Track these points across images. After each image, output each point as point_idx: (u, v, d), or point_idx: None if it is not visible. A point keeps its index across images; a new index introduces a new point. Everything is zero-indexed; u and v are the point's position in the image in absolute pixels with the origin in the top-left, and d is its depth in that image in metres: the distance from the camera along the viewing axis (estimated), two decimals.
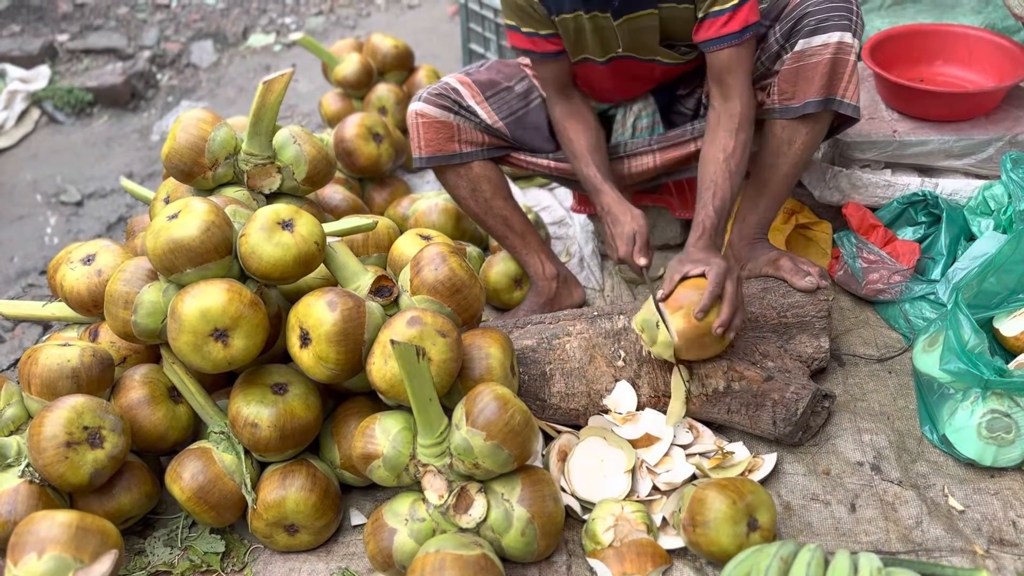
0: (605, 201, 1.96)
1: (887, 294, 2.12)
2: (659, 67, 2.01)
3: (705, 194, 1.86)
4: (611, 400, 1.88)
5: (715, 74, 1.89)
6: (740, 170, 1.88)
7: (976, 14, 2.68)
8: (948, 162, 2.24)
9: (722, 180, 1.85)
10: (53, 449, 1.58)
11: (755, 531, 1.56)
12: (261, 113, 1.91)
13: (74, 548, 1.43)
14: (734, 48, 1.84)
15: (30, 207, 3.49)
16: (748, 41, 1.85)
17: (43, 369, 1.69)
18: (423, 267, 1.73)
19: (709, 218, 1.83)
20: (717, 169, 1.86)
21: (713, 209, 1.84)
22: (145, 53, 4.40)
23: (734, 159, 1.86)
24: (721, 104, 1.90)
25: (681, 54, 1.98)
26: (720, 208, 1.84)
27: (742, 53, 1.86)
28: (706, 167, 1.88)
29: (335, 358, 1.61)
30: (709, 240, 1.83)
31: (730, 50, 1.84)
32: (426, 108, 2.07)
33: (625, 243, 1.89)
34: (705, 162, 1.89)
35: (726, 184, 1.85)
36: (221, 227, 1.63)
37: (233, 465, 1.71)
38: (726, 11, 1.80)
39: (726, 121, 1.88)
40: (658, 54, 1.97)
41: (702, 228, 1.84)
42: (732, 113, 1.87)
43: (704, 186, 1.87)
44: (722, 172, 1.85)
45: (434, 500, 1.60)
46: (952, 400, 1.76)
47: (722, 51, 1.85)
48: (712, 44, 1.85)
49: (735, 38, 1.83)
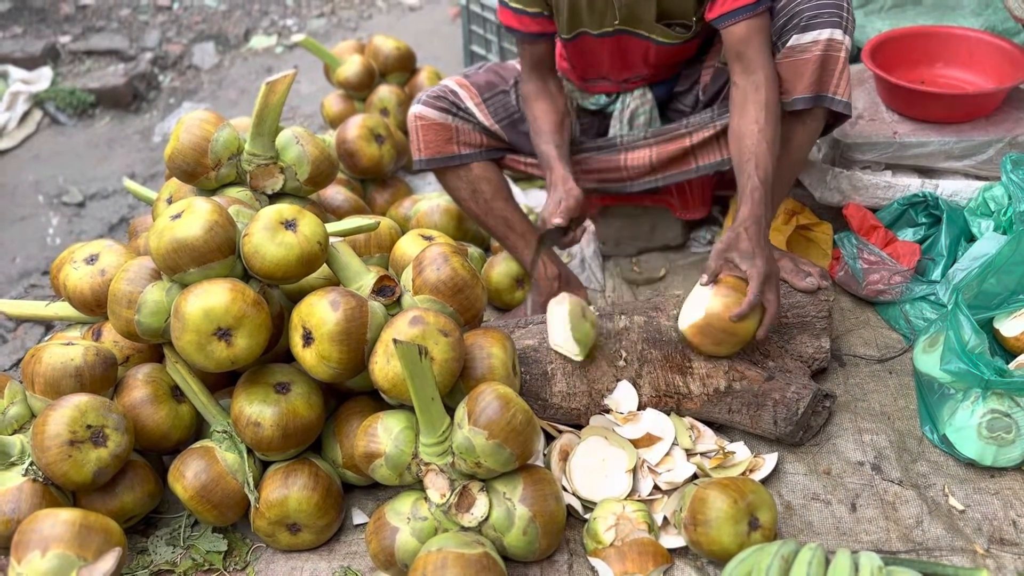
0: (554, 176, 1.97)
1: (888, 295, 2.13)
2: (653, 47, 2.02)
3: (747, 166, 1.81)
4: (612, 400, 1.88)
5: (733, 49, 1.88)
6: (776, 141, 1.84)
7: (976, 16, 2.69)
8: (948, 163, 2.25)
9: (762, 151, 1.80)
10: (56, 448, 1.58)
11: (756, 530, 1.57)
12: (264, 114, 1.92)
13: (77, 546, 1.44)
14: (750, 20, 1.84)
15: (32, 208, 3.50)
16: (763, 12, 1.85)
17: (47, 368, 1.69)
18: (425, 267, 1.73)
19: (757, 190, 1.78)
20: (754, 140, 1.81)
21: (759, 180, 1.78)
22: (147, 55, 4.41)
23: (769, 129, 1.82)
24: (744, 79, 1.87)
25: (677, 34, 1.98)
26: (764, 179, 1.79)
27: (758, 24, 1.85)
28: (742, 141, 1.84)
29: (338, 357, 1.62)
30: (757, 222, 1.76)
31: (746, 22, 1.84)
32: (425, 111, 2.10)
33: (552, 207, 1.90)
34: (740, 136, 1.85)
35: (767, 155, 1.80)
36: (224, 227, 1.64)
37: (236, 464, 1.72)
38: None
39: (752, 94, 1.85)
40: (654, 31, 1.97)
41: (751, 203, 1.77)
42: (758, 85, 1.85)
43: (744, 158, 1.82)
44: (761, 143, 1.81)
45: (436, 499, 1.60)
46: (952, 400, 1.77)
47: (738, 24, 1.84)
48: (727, 19, 1.85)
49: (749, 10, 1.83)
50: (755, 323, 1.76)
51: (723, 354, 1.82)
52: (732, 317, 1.71)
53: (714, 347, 1.80)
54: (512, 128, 2.16)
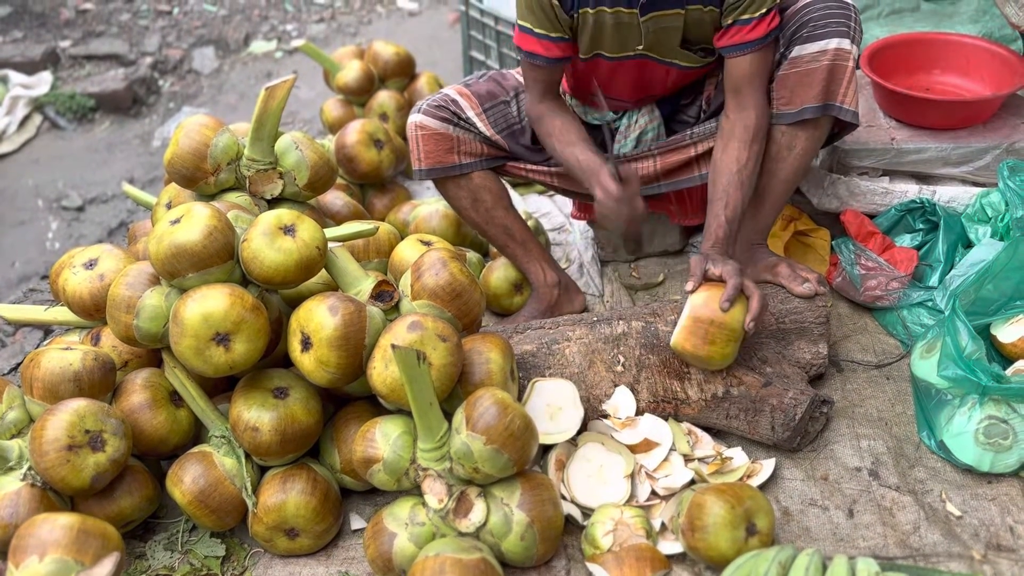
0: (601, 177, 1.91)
1: (885, 300, 2.13)
2: (674, 70, 2.01)
3: (717, 204, 1.89)
4: (610, 405, 1.88)
5: (733, 81, 1.91)
6: (752, 181, 1.92)
7: (974, 23, 2.70)
8: (946, 170, 2.26)
9: (734, 191, 1.89)
10: (55, 452, 1.58)
11: (753, 536, 1.57)
12: (263, 119, 1.92)
13: (75, 551, 1.44)
14: (755, 54, 1.86)
15: (32, 212, 3.51)
16: (768, 47, 1.88)
17: (45, 373, 1.69)
18: (424, 272, 1.74)
19: (721, 228, 1.87)
20: (730, 180, 1.89)
21: (725, 220, 1.88)
22: (147, 59, 4.42)
23: (746, 170, 1.90)
24: (736, 114, 1.92)
25: (699, 57, 1.98)
26: (731, 219, 1.88)
27: (762, 60, 1.88)
28: (719, 177, 1.91)
29: (336, 362, 1.62)
30: (722, 248, 1.86)
31: (752, 56, 1.86)
32: (425, 120, 2.08)
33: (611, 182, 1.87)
34: (718, 172, 1.92)
35: (738, 195, 1.89)
36: (223, 232, 1.64)
37: (234, 469, 1.72)
38: (753, 19, 1.83)
39: (740, 132, 1.91)
40: (677, 56, 1.97)
41: (714, 238, 1.87)
42: (747, 124, 1.90)
43: (716, 196, 1.90)
44: (735, 183, 1.89)
45: (434, 504, 1.60)
46: (950, 406, 1.77)
47: (744, 57, 1.86)
48: (735, 50, 1.87)
49: (758, 44, 1.85)
50: (742, 313, 1.75)
51: (718, 358, 1.79)
52: (721, 303, 1.72)
53: (708, 348, 1.76)
54: (512, 138, 2.16)
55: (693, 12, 1.87)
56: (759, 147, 1.92)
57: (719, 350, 1.75)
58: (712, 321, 1.73)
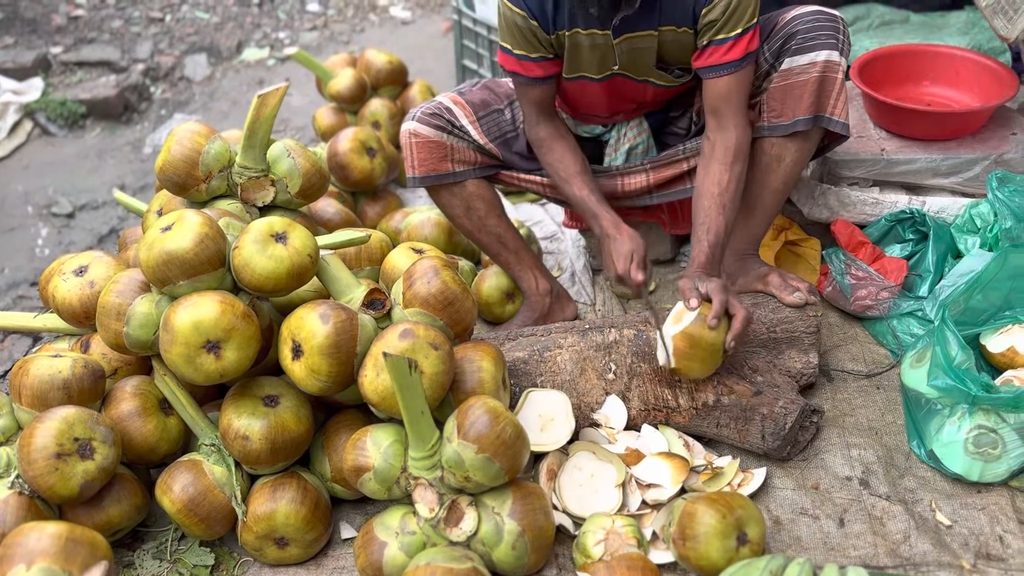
0: (603, 224, 1.98)
1: (875, 310, 2.14)
2: (651, 88, 2.03)
3: (699, 230, 1.89)
4: (601, 414, 1.88)
5: (712, 102, 1.90)
6: (734, 202, 1.91)
7: (963, 35, 2.72)
8: (935, 180, 2.27)
9: (716, 215, 1.88)
10: (43, 460, 1.57)
11: (744, 545, 1.57)
12: (255, 126, 1.92)
13: (63, 560, 1.43)
14: (733, 76, 1.86)
15: (21, 219, 3.48)
16: (746, 68, 1.87)
17: (34, 380, 1.68)
18: (416, 280, 1.74)
19: (703, 254, 1.87)
20: (712, 204, 1.89)
21: (708, 244, 1.87)
22: (139, 66, 4.41)
23: (728, 193, 1.89)
24: (717, 134, 1.92)
25: (675, 77, 2.00)
26: (714, 243, 1.88)
27: (740, 80, 1.87)
28: (700, 201, 1.91)
29: (327, 370, 1.61)
30: (704, 271, 1.86)
31: (729, 78, 1.86)
32: (420, 128, 2.09)
33: (623, 260, 1.91)
34: (700, 195, 1.92)
35: (720, 219, 1.88)
36: (214, 239, 1.64)
37: (224, 477, 1.71)
38: (729, 40, 1.82)
39: (721, 153, 1.90)
40: (652, 75, 1.98)
41: (697, 264, 1.87)
42: (727, 145, 1.90)
43: (699, 221, 1.90)
44: (716, 207, 1.88)
45: (425, 513, 1.60)
46: (939, 416, 1.78)
47: (720, 79, 1.86)
48: (711, 71, 1.87)
49: (735, 66, 1.85)
50: (725, 330, 1.76)
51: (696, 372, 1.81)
52: (708, 321, 1.72)
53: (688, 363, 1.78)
54: (506, 146, 2.16)
55: (667, 33, 1.88)
56: (741, 167, 1.91)
57: (698, 366, 1.79)
58: (698, 338, 1.75)
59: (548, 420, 1.82)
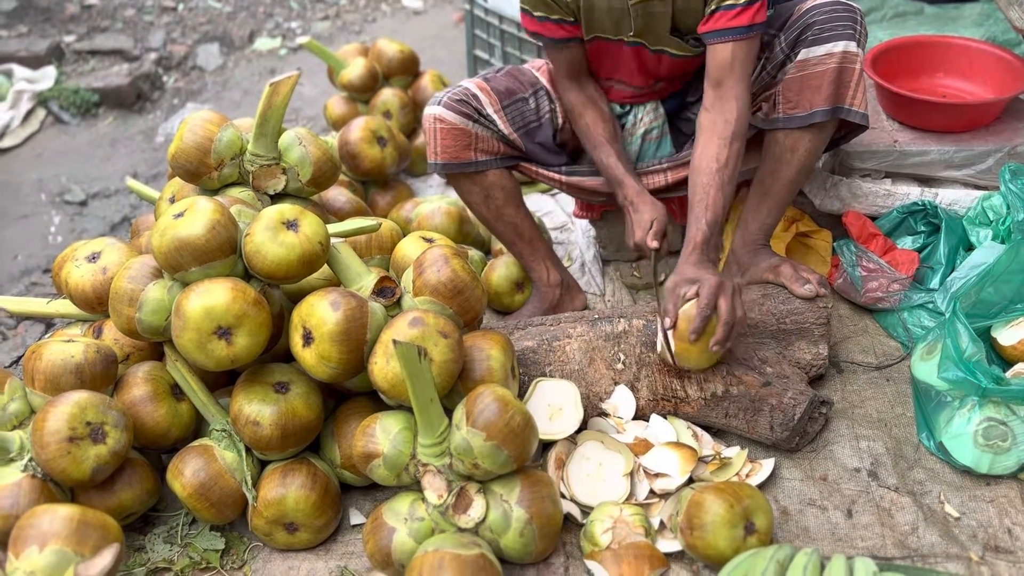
0: (627, 192, 1.99)
1: (886, 302, 2.14)
2: (666, 58, 2.01)
3: (697, 208, 1.83)
4: (610, 404, 1.89)
5: (715, 72, 1.86)
6: (732, 180, 1.85)
7: (977, 27, 2.70)
8: (948, 172, 2.26)
9: (715, 192, 1.82)
10: (56, 444, 1.59)
11: (752, 535, 1.57)
12: (267, 114, 1.93)
13: (75, 542, 1.44)
14: (738, 43, 1.82)
15: (34, 206, 3.51)
16: (752, 39, 1.83)
17: (47, 364, 1.70)
18: (426, 269, 1.74)
19: (701, 232, 1.81)
20: (710, 181, 1.83)
21: (706, 223, 1.81)
22: (151, 55, 4.43)
23: (727, 170, 1.83)
24: (717, 107, 1.86)
25: (690, 46, 1.98)
26: (712, 222, 1.81)
27: (745, 51, 1.83)
28: (698, 177, 1.85)
29: (337, 357, 1.62)
30: (701, 255, 1.80)
31: (734, 44, 1.82)
32: (446, 113, 2.04)
33: (642, 229, 1.92)
34: (697, 171, 1.86)
35: (718, 196, 1.82)
36: (226, 226, 1.65)
37: (234, 463, 1.72)
38: (737, 6, 1.79)
39: (721, 127, 1.84)
40: (667, 44, 1.97)
41: (693, 244, 1.81)
42: (728, 118, 1.84)
43: (696, 198, 1.84)
44: (715, 184, 1.82)
45: (433, 500, 1.61)
46: (949, 408, 1.78)
47: (725, 44, 1.82)
48: (717, 36, 1.83)
49: (741, 32, 1.81)
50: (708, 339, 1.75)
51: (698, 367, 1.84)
52: (690, 336, 1.71)
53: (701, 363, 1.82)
54: (528, 137, 2.15)
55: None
56: (740, 144, 1.85)
57: (695, 362, 1.82)
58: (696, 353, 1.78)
59: (557, 410, 1.83)
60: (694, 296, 1.74)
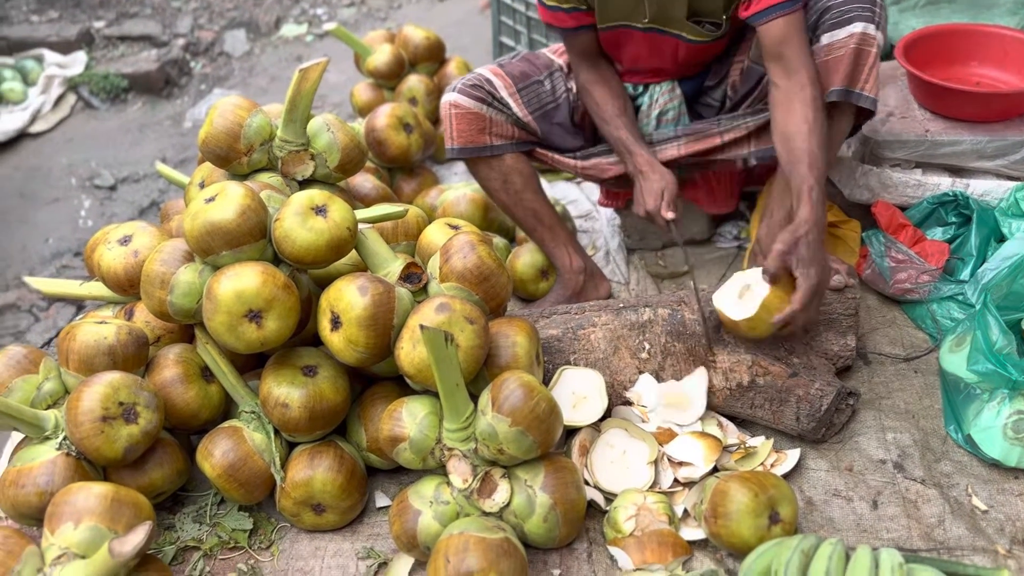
0: (637, 161, 2.00)
1: (914, 294, 2.12)
2: (683, 44, 2.01)
3: (800, 166, 1.75)
4: (634, 393, 1.89)
5: (772, 49, 1.84)
6: (825, 138, 1.80)
7: (1012, 15, 2.66)
8: (980, 163, 2.23)
9: (815, 149, 1.75)
10: (89, 423, 1.62)
11: (776, 524, 1.57)
12: (296, 100, 1.94)
13: (109, 519, 1.47)
14: (786, 17, 1.80)
15: (65, 190, 3.56)
16: (799, 12, 1.82)
17: (81, 345, 1.72)
18: (452, 255, 1.75)
19: (813, 188, 1.73)
20: (805, 140, 1.76)
21: (815, 179, 1.73)
22: (179, 41, 4.46)
23: (818, 126, 1.78)
24: (787, 80, 1.83)
25: (707, 31, 1.97)
26: (819, 177, 1.74)
27: (796, 21, 1.81)
28: (792, 141, 1.79)
29: (365, 342, 1.64)
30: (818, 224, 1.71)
31: (783, 19, 1.80)
32: (460, 99, 2.10)
33: (653, 197, 1.92)
34: (789, 136, 1.80)
35: (819, 153, 1.75)
36: (256, 211, 1.66)
37: (263, 444, 1.75)
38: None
39: (799, 92, 1.80)
40: (684, 29, 1.96)
41: (809, 203, 1.71)
42: (803, 84, 1.80)
43: (796, 158, 1.77)
44: (812, 140, 1.76)
45: (458, 484, 1.62)
46: (978, 400, 1.76)
47: (775, 21, 1.81)
48: (764, 15, 1.82)
49: (785, 7, 1.79)
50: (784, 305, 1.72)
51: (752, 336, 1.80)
52: (775, 321, 1.70)
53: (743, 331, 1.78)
54: (544, 119, 2.16)
55: None
56: (822, 104, 1.80)
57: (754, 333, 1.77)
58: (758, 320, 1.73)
59: (581, 398, 1.83)
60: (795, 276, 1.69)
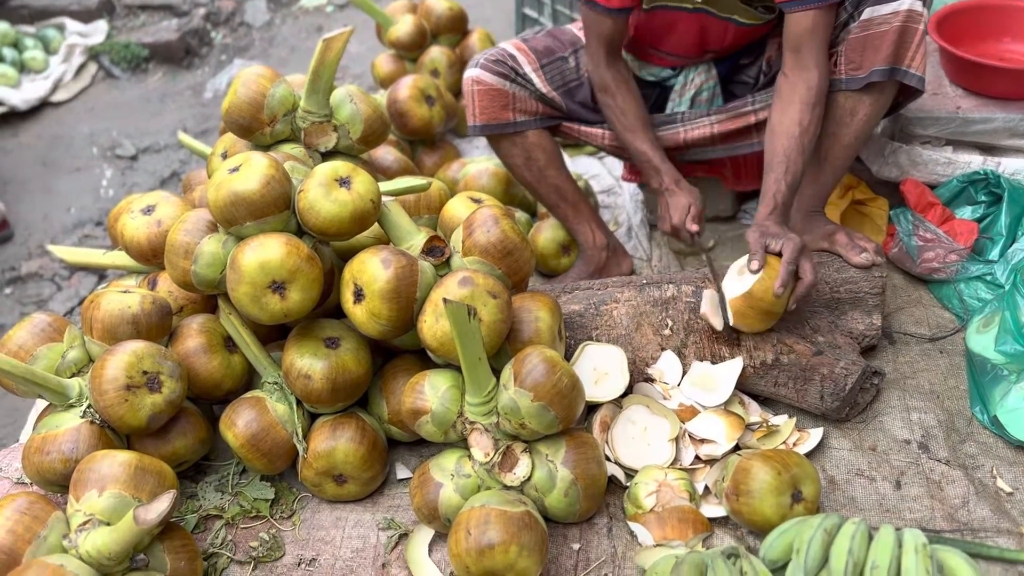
0: (663, 179, 2.01)
1: (942, 273, 2.09)
2: (733, 27, 1.97)
3: (778, 169, 1.82)
4: (656, 369, 1.88)
5: (793, 39, 1.84)
6: (812, 147, 1.85)
7: None
8: (1012, 141, 2.19)
9: (796, 156, 1.82)
10: (114, 392, 1.63)
11: (799, 503, 1.56)
12: (320, 71, 1.92)
13: (133, 487, 1.49)
14: (819, 10, 1.79)
15: (86, 160, 3.57)
16: (832, 7, 1.81)
17: (105, 314, 1.73)
18: (475, 229, 1.74)
19: (781, 194, 1.81)
20: (791, 144, 1.82)
21: (786, 185, 1.81)
22: (200, 10, 4.44)
23: (808, 135, 1.83)
24: (796, 73, 1.85)
25: (760, 14, 1.94)
26: (792, 184, 1.82)
27: (824, 18, 1.80)
28: (778, 140, 1.84)
29: (387, 314, 1.63)
30: (781, 216, 1.81)
31: (815, 12, 1.79)
32: (483, 75, 2.07)
33: (680, 212, 1.92)
34: (777, 134, 1.85)
35: (799, 160, 1.82)
36: (280, 182, 1.66)
37: (286, 415, 1.75)
38: None
39: (803, 92, 1.83)
40: (736, 12, 1.93)
41: (774, 203, 1.81)
42: (809, 84, 1.83)
43: (776, 159, 1.83)
44: (796, 147, 1.82)
45: (480, 457, 1.62)
46: (1005, 382, 1.74)
47: (807, 12, 1.79)
48: (797, 4, 1.80)
49: (824, 0, 1.78)
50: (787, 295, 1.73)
51: (754, 329, 1.80)
52: (776, 290, 1.69)
53: (752, 323, 1.78)
54: (568, 96, 2.14)
55: None
56: (821, 110, 1.85)
57: (754, 323, 1.78)
58: (759, 299, 1.72)
59: (603, 374, 1.83)
60: (778, 250, 1.73)
